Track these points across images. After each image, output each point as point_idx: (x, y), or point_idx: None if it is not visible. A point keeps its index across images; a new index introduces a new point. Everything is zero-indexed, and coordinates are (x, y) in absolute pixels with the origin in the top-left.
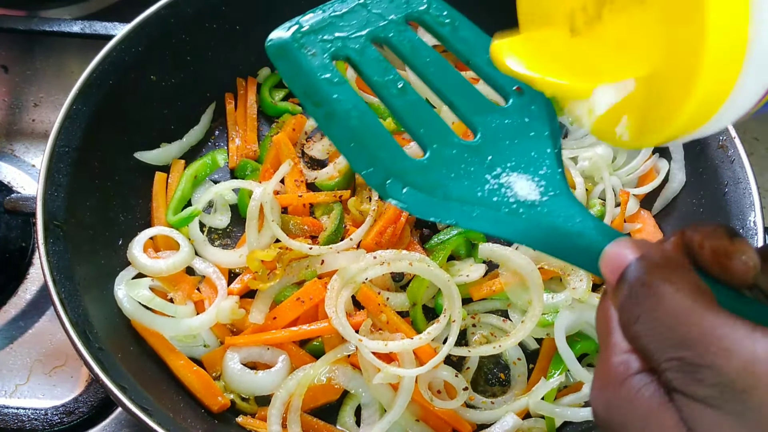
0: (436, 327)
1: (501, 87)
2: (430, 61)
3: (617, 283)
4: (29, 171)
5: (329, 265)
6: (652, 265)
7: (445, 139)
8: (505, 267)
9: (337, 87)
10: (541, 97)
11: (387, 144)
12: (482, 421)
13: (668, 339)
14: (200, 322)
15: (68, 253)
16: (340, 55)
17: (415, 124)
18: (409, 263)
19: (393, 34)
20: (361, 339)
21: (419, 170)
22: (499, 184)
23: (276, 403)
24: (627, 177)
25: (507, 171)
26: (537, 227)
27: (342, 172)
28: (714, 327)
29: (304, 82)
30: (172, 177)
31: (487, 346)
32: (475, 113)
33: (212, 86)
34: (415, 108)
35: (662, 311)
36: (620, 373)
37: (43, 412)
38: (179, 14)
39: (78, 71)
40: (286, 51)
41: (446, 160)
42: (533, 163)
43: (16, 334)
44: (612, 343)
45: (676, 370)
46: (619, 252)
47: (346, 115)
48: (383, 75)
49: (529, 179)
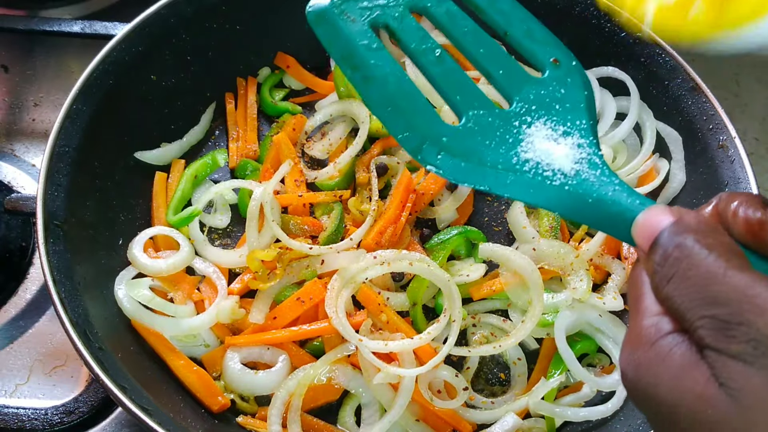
0: (436, 327)
1: (538, 59)
2: (468, 31)
3: (651, 248)
4: (29, 171)
5: (329, 265)
6: (686, 228)
7: (481, 106)
8: (505, 267)
9: (376, 53)
10: (577, 69)
11: (423, 109)
12: (482, 421)
13: (701, 298)
14: (200, 321)
15: (68, 253)
16: (378, 23)
17: (451, 91)
18: (409, 263)
19: (431, 4)
20: (361, 339)
21: (455, 136)
22: (533, 152)
23: (276, 402)
24: (627, 177)
25: (542, 140)
26: (571, 195)
27: (342, 171)
28: (747, 286)
29: (343, 47)
30: (172, 177)
31: (487, 346)
32: (512, 83)
33: (212, 86)
34: (452, 75)
35: (695, 271)
36: (651, 335)
37: (43, 412)
38: (179, 14)
39: (78, 71)
40: (326, 16)
41: (482, 128)
42: (568, 133)
43: (16, 334)
44: (643, 307)
45: (708, 328)
46: (653, 218)
47: (383, 80)
48: (421, 43)
49: (564, 148)
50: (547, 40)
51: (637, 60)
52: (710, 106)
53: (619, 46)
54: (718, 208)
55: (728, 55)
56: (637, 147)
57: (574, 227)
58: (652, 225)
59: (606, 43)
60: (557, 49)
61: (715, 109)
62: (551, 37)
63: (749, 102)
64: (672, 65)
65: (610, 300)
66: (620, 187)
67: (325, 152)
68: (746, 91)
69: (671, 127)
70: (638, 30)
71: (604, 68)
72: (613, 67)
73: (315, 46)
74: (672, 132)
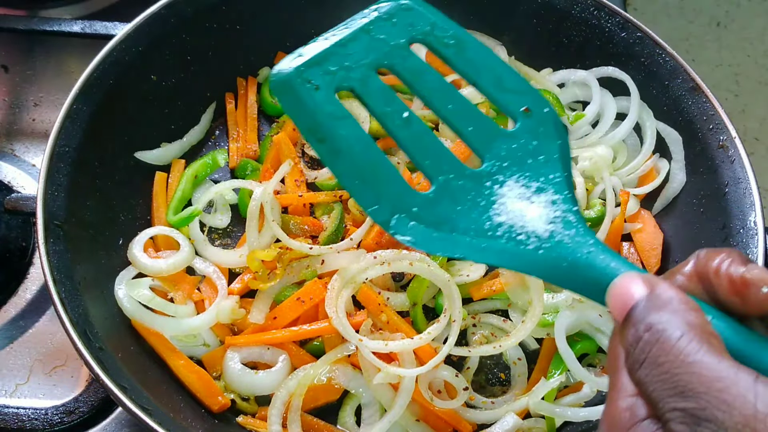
0: (436, 327)
1: (509, 109)
2: (435, 87)
3: (624, 322)
4: (29, 171)
5: (329, 265)
6: (659, 305)
7: (451, 169)
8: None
9: (342, 121)
10: (549, 117)
11: (392, 179)
12: (482, 421)
13: (672, 388)
14: (200, 321)
15: (68, 253)
16: (343, 86)
17: (420, 156)
18: (409, 263)
19: (397, 61)
20: (361, 339)
21: (426, 204)
22: (506, 214)
23: (276, 402)
24: (627, 177)
25: (514, 200)
26: (545, 259)
27: None
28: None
29: (308, 119)
30: (172, 177)
31: (487, 346)
32: (483, 139)
33: (212, 86)
34: (420, 138)
35: (665, 357)
36: (626, 420)
37: (43, 411)
38: (179, 14)
39: (78, 71)
40: (289, 87)
41: (453, 192)
42: (542, 189)
43: (16, 334)
44: (619, 384)
45: (679, 421)
46: (626, 288)
47: (350, 152)
48: (387, 105)
49: (538, 208)
50: (517, 88)
51: (637, 60)
52: (710, 106)
53: (619, 46)
54: (698, 267)
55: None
56: (637, 147)
57: None
58: (624, 296)
59: (606, 43)
60: (528, 96)
61: (715, 109)
62: (522, 84)
63: (749, 102)
64: (672, 65)
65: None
66: (595, 248)
67: None
68: (746, 91)
69: (671, 127)
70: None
71: (604, 68)
72: (613, 67)
73: None
74: (672, 132)
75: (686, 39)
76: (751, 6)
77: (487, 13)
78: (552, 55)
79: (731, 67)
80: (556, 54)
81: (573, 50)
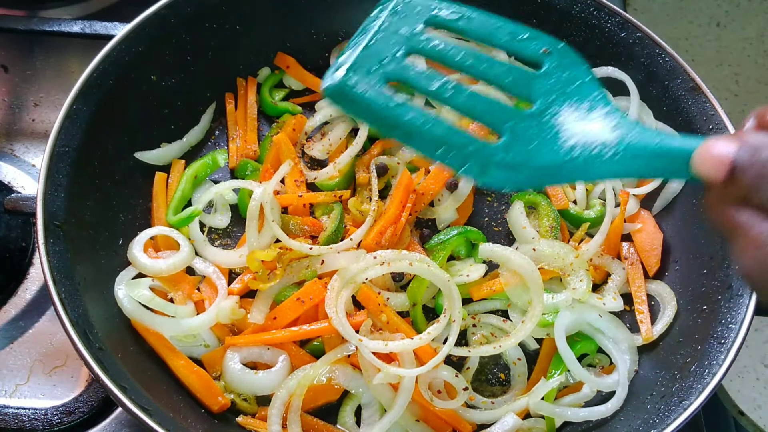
0: (436, 327)
1: (531, 56)
2: (465, 55)
3: (731, 174)
4: (29, 171)
5: (329, 265)
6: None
7: (511, 117)
8: (505, 267)
9: (402, 108)
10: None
11: (468, 141)
12: (482, 421)
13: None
14: (200, 322)
15: (68, 253)
16: (390, 79)
17: (481, 114)
18: (409, 263)
19: (422, 45)
20: (361, 339)
21: (504, 151)
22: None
23: (276, 403)
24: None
25: (575, 123)
26: (625, 159)
27: (342, 172)
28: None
29: (371, 115)
30: (172, 177)
31: (487, 346)
32: (524, 85)
33: (212, 86)
34: (474, 100)
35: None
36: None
37: (43, 412)
38: (179, 14)
39: (78, 71)
40: (343, 94)
41: (521, 135)
42: (593, 107)
43: (16, 334)
44: (745, 222)
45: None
46: (717, 149)
47: (420, 130)
48: (432, 82)
49: (597, 122)
50: (531, 36)
51: (637, 60)
52: (710, 106)
53: (619, 46)
54: (759, 120)
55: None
56: None
57: (573, 227)
58: (719, 156)
59: (606, 43)
60: (542, 39)
61: (715, 109)
62: (534, 32)
63: (749, 102)
64: (672, 65)
65: (609, 301)
66: (661, 135)
67: (325, 152)
68: (746, 91)
69: (671, 127)
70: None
71: (604, 68)
72: (613, 67)
73: (315, 46)
74: (672, 132)
75: (686, 39)
76: (751, 6)
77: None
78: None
79: (731, 67)
80: None
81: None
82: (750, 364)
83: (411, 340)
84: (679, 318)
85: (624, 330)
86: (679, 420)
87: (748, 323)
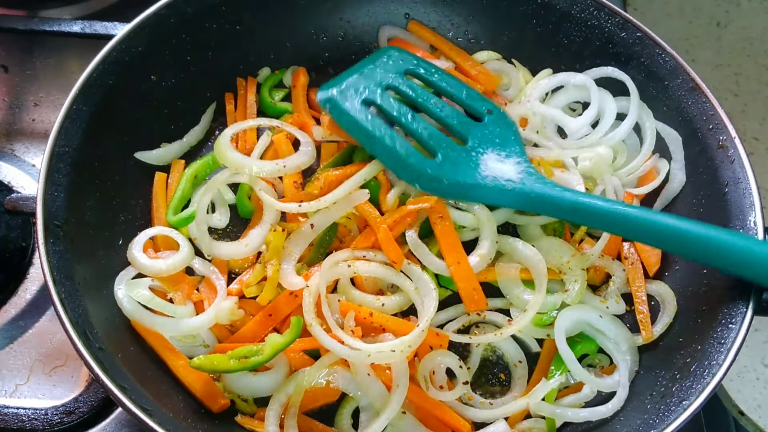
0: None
1: (477, 111)
2: (428, 98)
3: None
4: (29, 171)
5: (319, 223)
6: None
7: (448, 146)
8: (509, 257)
9: (372, 121)
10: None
11: (412, 153)
12: (479, 420)
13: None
14: (199, 322)
15: (68, 253)
16: (368, 101)
17: (426, 139)
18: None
19: (399, 83)
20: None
21: (436, 167)
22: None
23: (274, 405)
24: (627, 177)
25: (494, 162)
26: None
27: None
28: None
29: (350, 121)
30: (172, 177)
31: (488, 334)
32: (465, 128)
33: (212, 86)
34: (426, 128)
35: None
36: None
37: (43, 412)
38: (179, 14)
39: (78, 71)
40: (333, 102)
41: (452, 159)
42: (509, 156)
43: (16, 334)
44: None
45: None
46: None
47: (381, 138)
48: (398, 110)
49: (509, 165)
50: (480, 98)
51: (637, 60)
52: (710, 106)
53: (619, 46)
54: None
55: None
56: (637, 147)
57: (573, 228)
58: None
59: (606, 43)
60: (488, 102)
61: (715, 109)
62: (482, 96)
63: (749, 102)
64: (672, 65)
65: (612, 304)
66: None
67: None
68: (746, 91)
69: (671, 127)
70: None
71: (604, 68)
72: (613, 67)
73: (315, 47)
74: (672, 132)
75: (686, 39)
76: (751, 6)
77: (488, 14)
78: (552, 55)
79: (731, 67)
80: (556, 54)
81: (573, 50)
82: (750, 364)
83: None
84: (679, 318)
85: (624, 330)
86: (679, 420)
87: (748, 323)
